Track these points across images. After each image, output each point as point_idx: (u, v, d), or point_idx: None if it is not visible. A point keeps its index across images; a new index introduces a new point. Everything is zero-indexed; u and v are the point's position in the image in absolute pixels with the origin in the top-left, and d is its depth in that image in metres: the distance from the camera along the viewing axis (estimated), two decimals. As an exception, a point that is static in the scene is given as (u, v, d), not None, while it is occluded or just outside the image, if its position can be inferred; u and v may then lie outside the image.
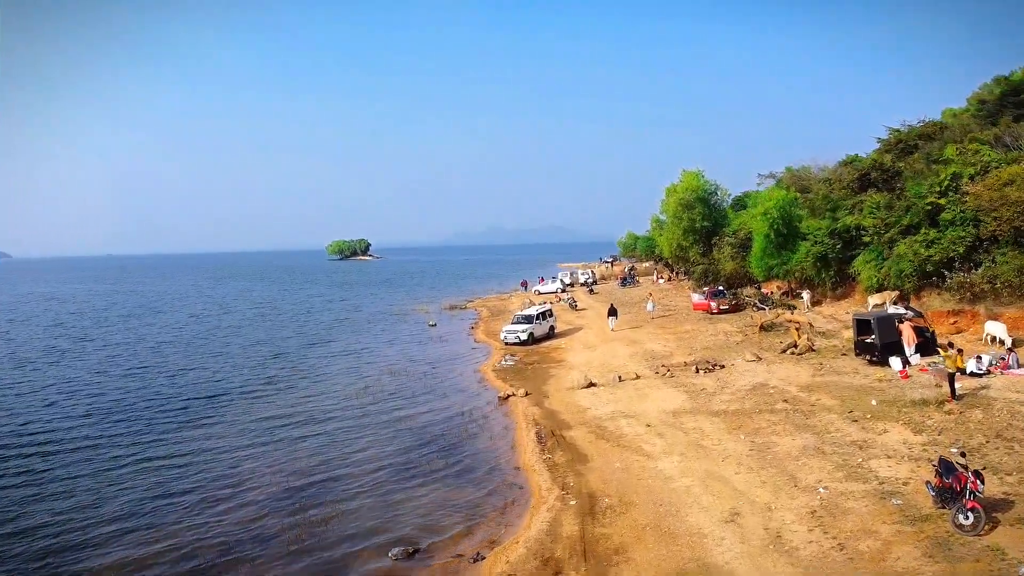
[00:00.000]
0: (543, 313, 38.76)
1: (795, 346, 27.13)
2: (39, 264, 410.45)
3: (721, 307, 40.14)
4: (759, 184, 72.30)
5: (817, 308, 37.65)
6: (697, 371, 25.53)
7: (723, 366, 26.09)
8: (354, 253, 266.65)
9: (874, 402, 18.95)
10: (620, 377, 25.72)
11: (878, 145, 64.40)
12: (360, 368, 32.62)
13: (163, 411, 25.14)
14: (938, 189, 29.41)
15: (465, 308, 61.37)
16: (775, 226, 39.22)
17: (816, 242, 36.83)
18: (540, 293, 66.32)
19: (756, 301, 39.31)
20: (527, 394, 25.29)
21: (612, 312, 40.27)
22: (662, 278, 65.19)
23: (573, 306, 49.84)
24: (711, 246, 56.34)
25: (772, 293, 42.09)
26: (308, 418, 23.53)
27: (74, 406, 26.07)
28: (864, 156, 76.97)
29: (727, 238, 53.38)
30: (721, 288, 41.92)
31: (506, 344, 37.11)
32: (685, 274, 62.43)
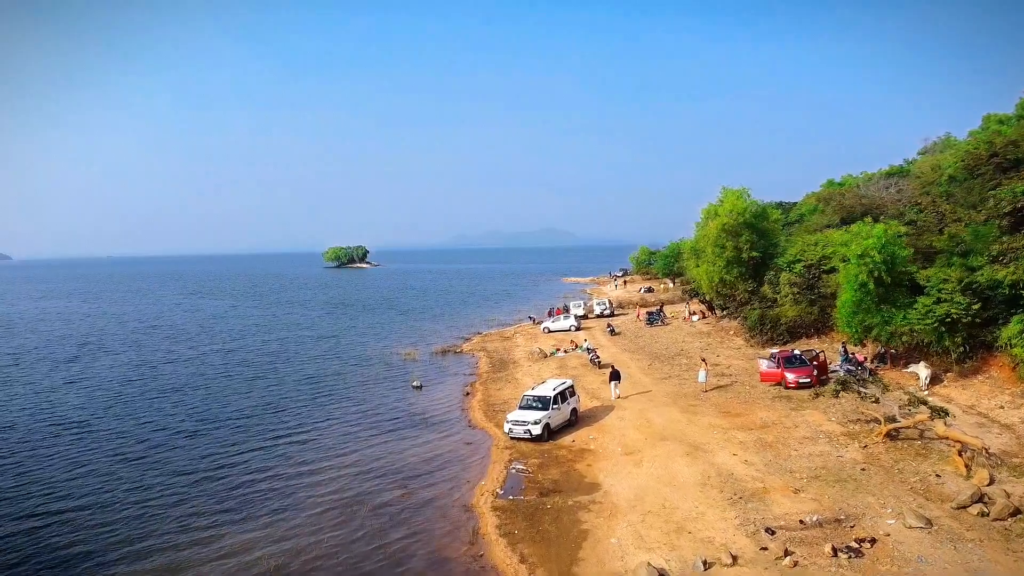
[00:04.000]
0: (562, 392, 28.47)
1: (982, 500, 16.86)
2: (36, 267, 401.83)
3: (800, 380, 29.91)
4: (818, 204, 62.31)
5: (938, 388, 27.48)
6: (835, 553, 15.30)
7: (874, 540, 15.87)
8: (351, 260, 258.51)
9: None
10: (705, 562, 15.52)
11: (931, 153, 53.92)
12: (308, 498, 22.30)
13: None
14: None
15: (460, 352, 51.17)
16: (876, 273, 29.01)
17: (942, 299, 26.63)
18: (550, 331, 56.03)
19: (849, 377, 28.93)
20: (551, 592, 15.12)
21: (614, 376, 32.32)
22: (696, 315, 54.80)
23: (596, 362, 39.56)
24: (761, 280, 46.29)
25: (867, 359, 31.82)
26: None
27: None
28: (900, 164, 66.98)
29: (784, 272, 43.27)
30: (798, 353, 31.63)
31: (511, 438, 26.99)
32: (723, 309, 52.25)
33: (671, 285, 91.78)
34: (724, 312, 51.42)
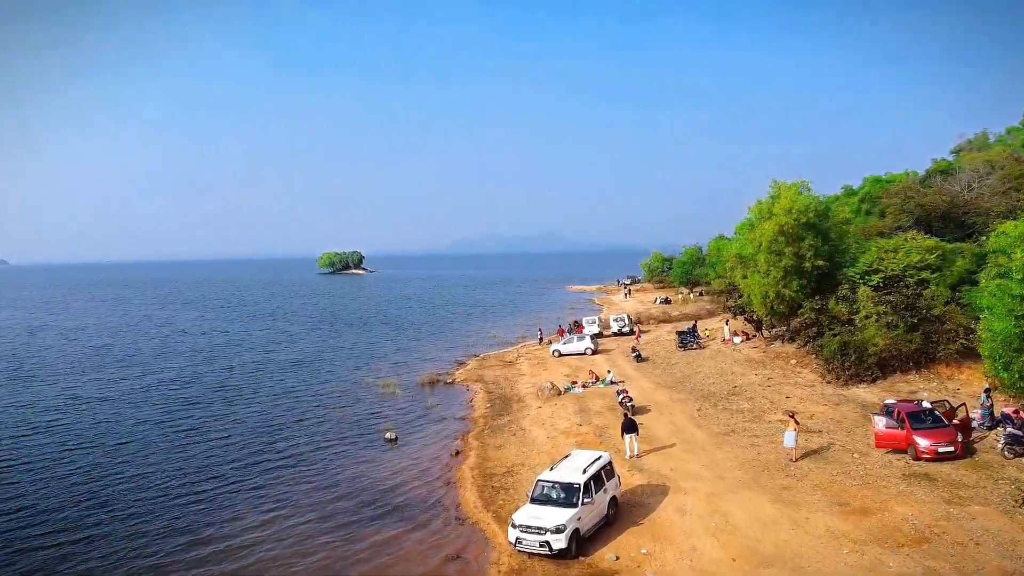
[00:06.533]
0: (597, 475, 19.03)
1: None
2: (29, 273, 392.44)
3: (941, 450, 20.58)
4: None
5: None
6: None
7: None
8: (346, 266, 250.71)
9: None
10: None
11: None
12: None
13: None
14: None
15: (452, 382, 41.88)
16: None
17: None
18: (561, 355, 46.69)
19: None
20: None
21: (629, 427, 23.81)
22: (738, 336, 45.28)
23: (628, 406, 29.95)
24: (826, 295, 37.07)
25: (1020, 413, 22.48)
26: None
27: None
28: (927, 165, 59.08)
29: (862, 286, 34.16)
30: (929, 407, 22.30)
31: (519, 550, 17.69)
32: (772, 329, 42.97)
33: (691, 295, 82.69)
34: (773, 333, 42.11)
